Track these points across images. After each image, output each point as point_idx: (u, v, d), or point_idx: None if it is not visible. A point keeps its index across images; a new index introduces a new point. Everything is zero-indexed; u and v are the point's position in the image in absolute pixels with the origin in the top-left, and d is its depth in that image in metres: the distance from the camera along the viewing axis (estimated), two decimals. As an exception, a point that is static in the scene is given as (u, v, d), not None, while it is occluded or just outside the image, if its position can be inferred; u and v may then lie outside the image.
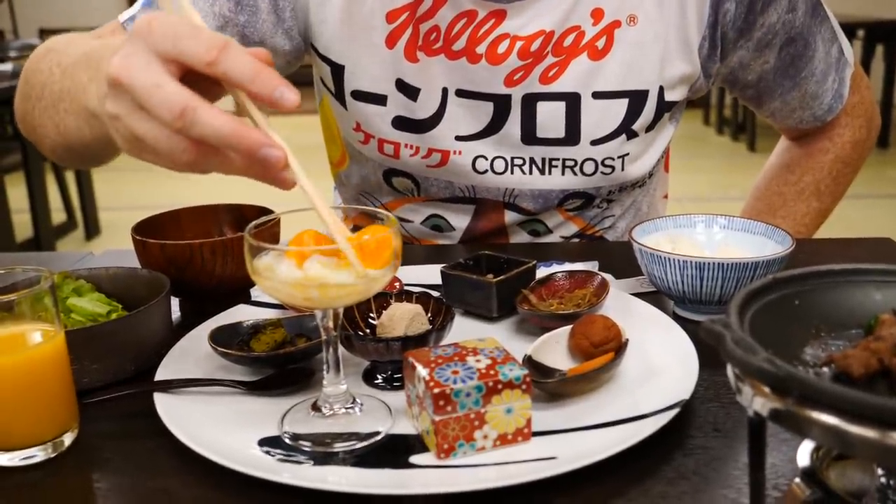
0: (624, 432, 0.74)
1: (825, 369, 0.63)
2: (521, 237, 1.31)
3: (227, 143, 0.64)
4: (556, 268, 1.11)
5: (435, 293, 0.95)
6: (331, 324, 0.76)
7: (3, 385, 0.75)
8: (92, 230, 4.72)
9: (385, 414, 0.79)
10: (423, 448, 0.74)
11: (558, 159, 1.20)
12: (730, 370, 0.62)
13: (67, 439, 0.79)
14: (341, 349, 0.80)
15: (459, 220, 1.30)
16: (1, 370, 0.75)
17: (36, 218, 4.26)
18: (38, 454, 0.77)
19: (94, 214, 4.75)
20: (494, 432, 0.73)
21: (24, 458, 0.76)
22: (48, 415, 0.77)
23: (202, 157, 0.66)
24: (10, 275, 0.81)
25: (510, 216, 1.28)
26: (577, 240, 1.33)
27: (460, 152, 1.21)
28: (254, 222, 0.75)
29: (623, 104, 1.18)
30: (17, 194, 4.26)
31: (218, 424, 0.78)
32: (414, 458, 0.73)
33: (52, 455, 0.77)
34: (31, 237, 4.29)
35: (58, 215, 4.63)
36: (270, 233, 0.90)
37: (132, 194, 5.31)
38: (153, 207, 1.13)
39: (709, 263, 0.94)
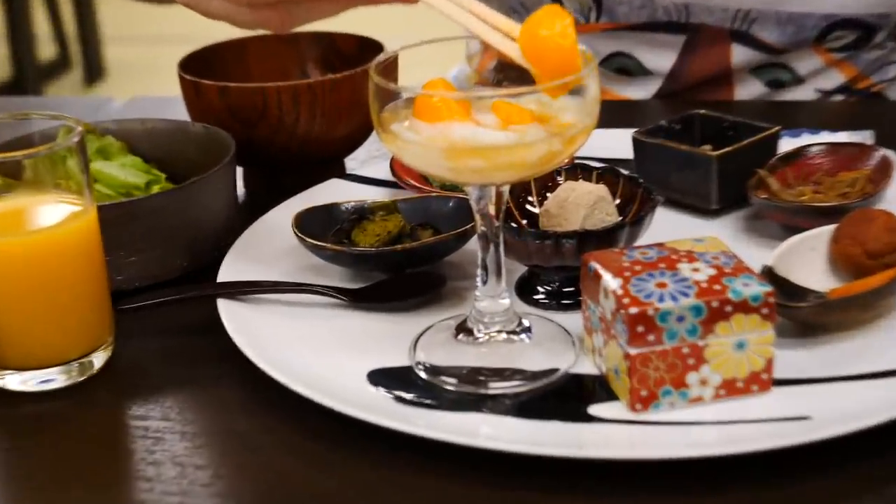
0: (914, 386, 0.74)
1: None
2: (752, 89, 1.29)
3: None
4: (808, 138, 1.09)
5: (625, 171, 0.95)
6: (492, 209, 0.77)
7: (11, 280, 0.79)
8: (94, 70, 4.83)
9: (565, 344, 0.81)
10: (609, 395, 0.76)
11: None
12: None
13: (98, 359, 0.83)
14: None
15: (660, 60, 1.29)
16: (5, 258, 0.79)
17: (17, 52, 4.39)
18: (58, 377, 0.82)
19: (97, 48, 4.86)
20: (717, 376, 0.74)
21: (41, 382, 0.81)
22: (73, 324, 0.82)
23: None
24: (17, 124, 0.85)
25: (739, 54, 1.26)
26: (841, 96, 1.30)
27: None
28: (380, 56, 0.76)
29: None
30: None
31: (308, 347, 0.82)
32: (594, 409, 0.74)
33: (79, 379, 0.82)
34: (11, 79, 4.43)
35: (46, 49, 4.75)
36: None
37: (153, 21, 5.39)
38: (184, 41, 1.16)
39: None
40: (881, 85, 1.31)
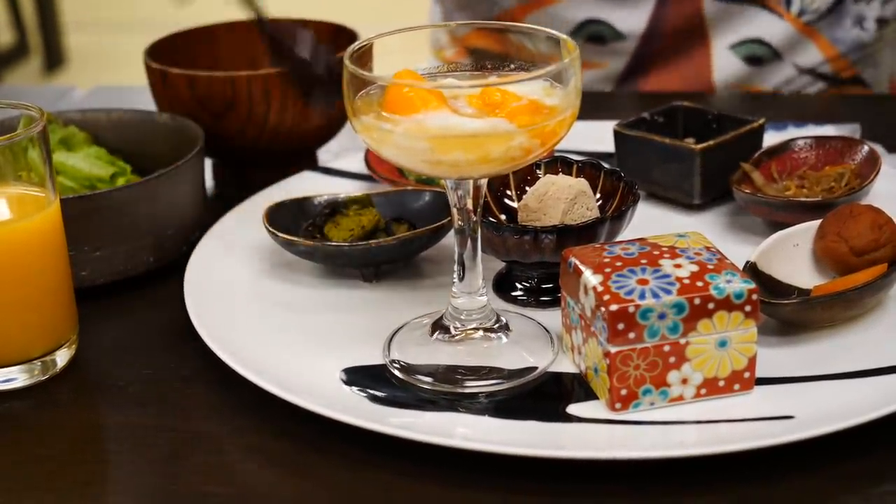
0: (897, 385, 0.75)
1: None
2: (732, 61, 1.31)
3: None
4: (793, 131, 1.11)
5: (606, 164, 0.96)
6: (469, 203, 0.78)
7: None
8: (54, 57, 4.80)
9: (543, 342, 0.82)
10: (589, 394, 0.77)
11: None
12: None
13: (62, 358, 0.84)
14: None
15: (632, 19, 1.30)
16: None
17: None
18: (19, 376, 0.82)
19: (57, 35, 4.83)
20: (699, 375, 0.75)
21: (0, 382, 0.82)
22: (35, 321, 0.82)
23: None
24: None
25: (710, 2, 1.27)
26: (822, 82, 1.32)
27: None
28: (354, 44, 0.77)
29: None
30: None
31: (280, 345, 0.83)
32: (573, 408, 0.76)
33: (41, 379, 0.82)
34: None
35: (3, 35, 4.72)
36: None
37: (116, 7, 5.37)
38: (148, 28, 1.17)
39: None
40: (857, 68, 1.33)
